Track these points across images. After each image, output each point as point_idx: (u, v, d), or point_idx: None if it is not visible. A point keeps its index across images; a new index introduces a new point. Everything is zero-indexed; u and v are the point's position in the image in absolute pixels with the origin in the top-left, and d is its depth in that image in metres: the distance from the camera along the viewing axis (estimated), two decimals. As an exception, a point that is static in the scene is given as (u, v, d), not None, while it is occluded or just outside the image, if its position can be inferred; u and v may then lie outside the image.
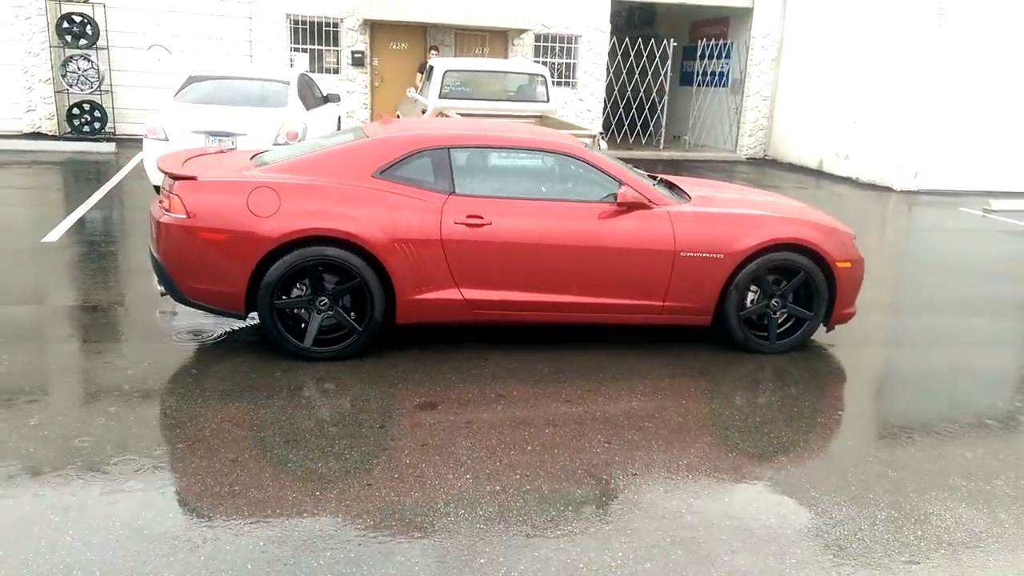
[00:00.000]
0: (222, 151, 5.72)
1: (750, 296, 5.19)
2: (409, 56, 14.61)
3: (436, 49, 13.62)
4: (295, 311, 4.70)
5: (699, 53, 16.19)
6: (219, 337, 4.97)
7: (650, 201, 4.95)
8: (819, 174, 14.53)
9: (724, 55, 16.38)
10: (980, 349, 5.71)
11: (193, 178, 4.60)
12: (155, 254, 4.68)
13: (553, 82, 12.53)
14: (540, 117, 10.90)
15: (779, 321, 5.29)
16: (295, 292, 4.68)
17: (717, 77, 16.68)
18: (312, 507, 3.16)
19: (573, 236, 4.85)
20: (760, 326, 5.24)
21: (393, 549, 2.91)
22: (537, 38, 14.78)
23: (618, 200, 4.88)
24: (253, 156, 5.41)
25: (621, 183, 4.95)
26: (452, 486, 3.38)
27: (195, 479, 3.31)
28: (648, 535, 3.10)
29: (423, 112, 10.62)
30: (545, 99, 10.97)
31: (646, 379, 4.73)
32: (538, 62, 14.53)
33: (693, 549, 3.03)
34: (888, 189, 13.00)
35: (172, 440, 3.64)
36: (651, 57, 15.65)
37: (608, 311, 5.01)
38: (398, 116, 12.47)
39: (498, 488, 3.39)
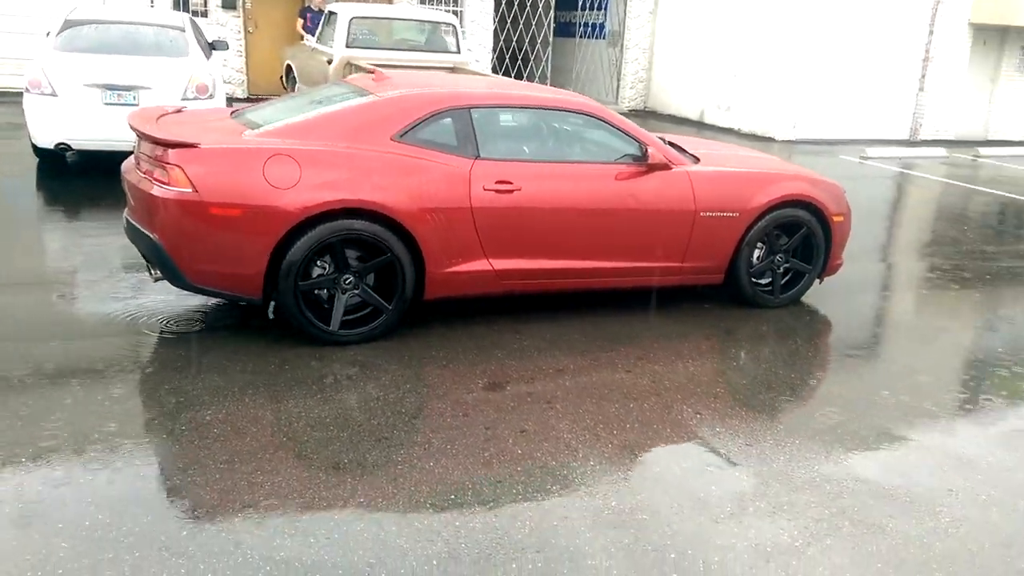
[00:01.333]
0: (180, 110, 4.97)
1: (756, 252, 5.30)
2: (284, 1, 13.49)
3: (319, -8, 12.67)
4: (316, 292, 4.24)
5: (579, 4, 16.15)
6: (197, 325, 4.38)
7: (670, 161, 4.87)
8: (701, 125, 15.05)
9: (600, 6, 16.45)
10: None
11: (194, 145, 3.97)
12: (148, 233, 4.02)
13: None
14: (452, 69, 10.48)
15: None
16: (316, 271, 4.21)
17: (596, 29, 16.76)
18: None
19: (601, 199, 4.68)
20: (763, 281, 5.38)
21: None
22: (423, -17, 14.14)
23: (648, 161, 4.75)
24: (233, 115, 4.77)
25: (642, 143, 4.83)
26: (598, 476, 3.18)
27: (309, 492, 2.93)
28: (809, 509, 3.07)
29: (328, 62, 9.87)
30: (456, 49, 10.53)
31: (684, 342, 4.69)
32: (414, 5, 13.91)
33: (858, 519, 3.03)
34: (770, 139, 13.70)
35: (269, 448, 3.17)
36: (534, 7, 15.43)
37: (631, 275, 4.92)
38: (289, 67, 11.54)
39: (651, 472, 3.26)
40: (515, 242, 4.54)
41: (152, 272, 4.19)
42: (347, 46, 9.78)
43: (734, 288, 5.24)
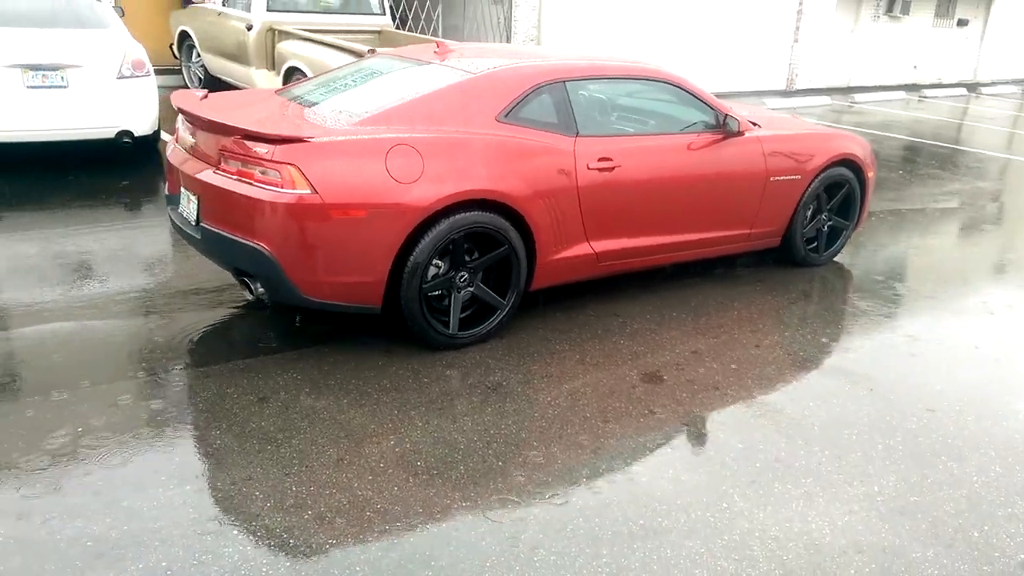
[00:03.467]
0: (207, 95, 4.26)
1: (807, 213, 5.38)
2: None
3: (202, -50, 11.37)
4: (433, 293, 3.83)
5: (465, -41, 15.63)
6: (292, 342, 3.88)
7: (744, 128, 4.81)
8: (598, 81, 15.14)
9: (483, -39, 16.00)
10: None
11: (305, 139, 3.41)
12: (251, 244, 3.43)
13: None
14: (379, 32, 9.82)
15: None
16: (431, 271, 3.79)
17: (481, -16, 16.31)
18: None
19: (689, 170, 4.54)
20: (808, 240, 5.48)
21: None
22: (310, -61, 13.04)
23: (727, 128, 4.65)
24: (291, 99, 4.17)
25: (718, 110, 4.71)
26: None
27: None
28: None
29: (248, 28, 8.92)
30: (380, 11, 9.86)
31: (769, 298, 4.73)
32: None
33: None
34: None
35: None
36: (420, -38, 14.75)
37: (713, 244, 4.84)
38: (185, 34, 10.32)
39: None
40: (613, 221, 4.32)
41: (253, 289, 3.60)
42: (268, 10, 8.88)
43: (789, 250, 5.32)
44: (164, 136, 7.55)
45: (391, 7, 10.52)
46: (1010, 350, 4.32)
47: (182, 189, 3.93)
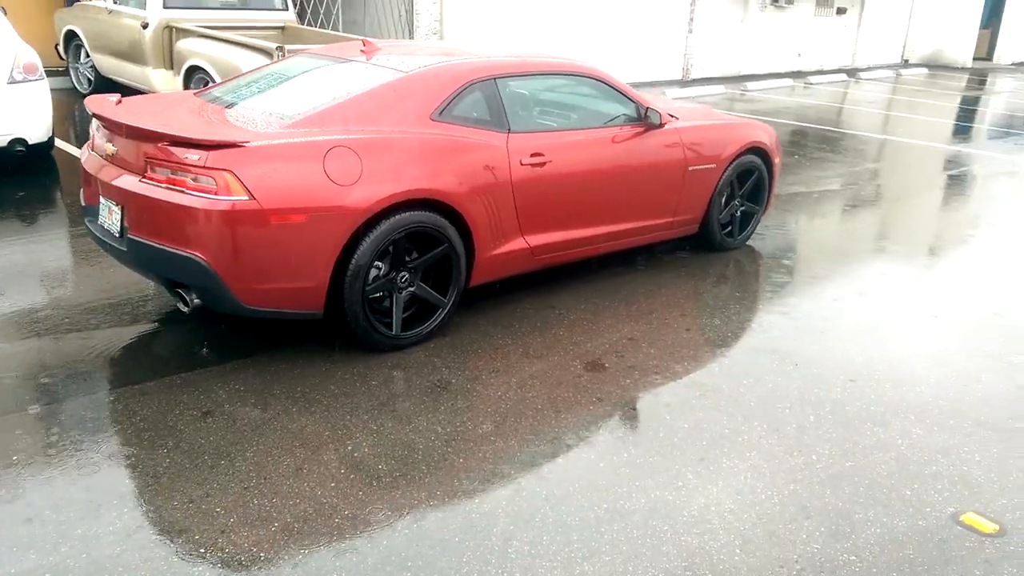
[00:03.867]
0: (120, 101, 4.06)
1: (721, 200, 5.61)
2: (28, -49, 11.28)
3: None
4: (375, 295, 3.81)
5: (361, -48, 15.39)
6: (236, 354, 3.78)
7: (664, 120, 4.97)
8: (502, 74, 15.22)
9: (380, -46, 15.80)
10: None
11: (239, 144, 3.32)
12: (185, 253, 3.32)
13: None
14: (282, 28, 9.58)
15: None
16: (372, 273, 3.76)
17: (378, -22, 16.09)
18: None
19: (615, 163, 4.67)
20: (723, 225, 5.72)
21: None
22: (197, -69, 12.51)
23: (648, 120, 4.80)
24: (214, 102, 4.03)
25: (639, 104, 4.86)
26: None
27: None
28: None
29: (144, 27, 8.51)
30: (282, 6, 9.61)
31: (702, 280, 4.93)
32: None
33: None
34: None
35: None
36: (315, -44, 14.42)
37: (638, 233, 5.00)
38: (72, 33, 9.75)
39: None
40: (546, 216, 4.40)
41: (188, 299, 3.48)
42: (165, 7, 8.51)
43: (707, 236, 5.55)
44: (58, 143, 7.17)
45: (293, 1, 10.27)
46: (912, 322, 4.67)
47: (101, 199, 3.75)
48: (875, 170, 9.23)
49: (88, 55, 9.69)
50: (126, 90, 9.68)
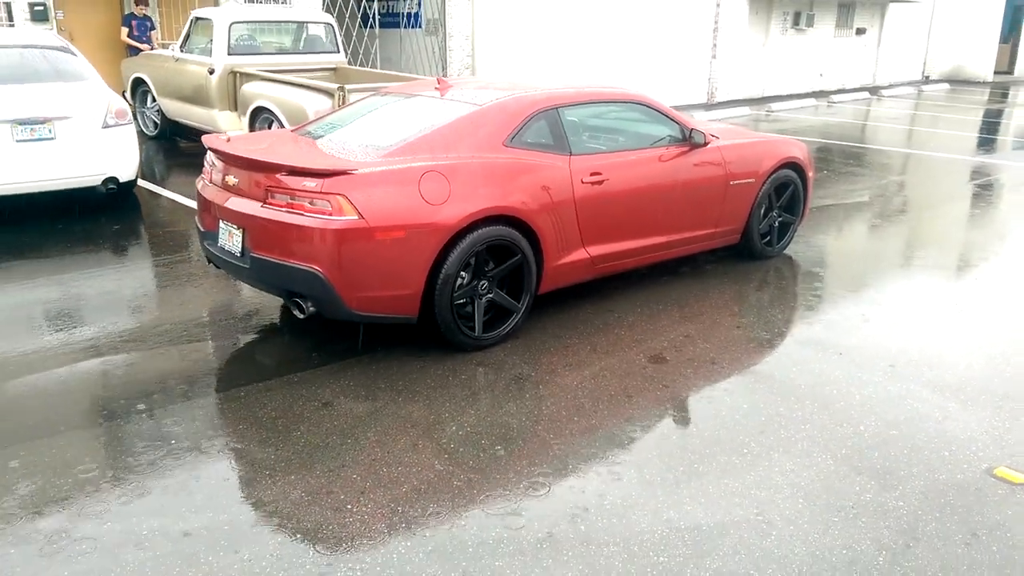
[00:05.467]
0: (229, 139, 4.65)
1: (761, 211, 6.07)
2: (100, 6, 12.12)
3: (145, 2, 11.57)
4: (459, 302, 4.30)
5: (395, -7, 16.20)
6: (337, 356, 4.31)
7: (707, 140, 5.45)
8: (533, 104, 15.84)
9: (413, -5, 16.60)
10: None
11: (349, 172, 3.86)
12: (304, 267, 3.85)
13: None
14: (334, 70, 10.24)
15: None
16: (457, 281, 4.27)
17: (413, 18, 16.86)
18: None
19: (665, 179, 5.16)
20: (763, 235, 6.17)
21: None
22: (247, -19, 13.35)
23: (692, 140, 5.29)
24: (313, 136, 4.60)
25: (684, 125, 5.35)
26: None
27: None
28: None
29: (210, 72, 9.21)
30: (335, 49, 10.28)
31: (749, 282, 5.38)
32: (249, 5, 13.21)
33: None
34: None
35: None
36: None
37: (685, 244, 5.47)
38: (139, 81, 10.50)
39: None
40: (605, 228, 4.89)
41: (304, 307, 4.01)
42: (229, 54, 9.20)
43: (747, 245, 6.00)
44: (139, 181, 7.81)
45: (342, 44, 10.92)
46: (942, 317, 5.07)
47: (221, 223, 4.31)
48: (902, 182, 9.64)
49: (154, 100, 10.43)
50: (191, 132, 10.42)
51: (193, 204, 7.52)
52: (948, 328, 4.85)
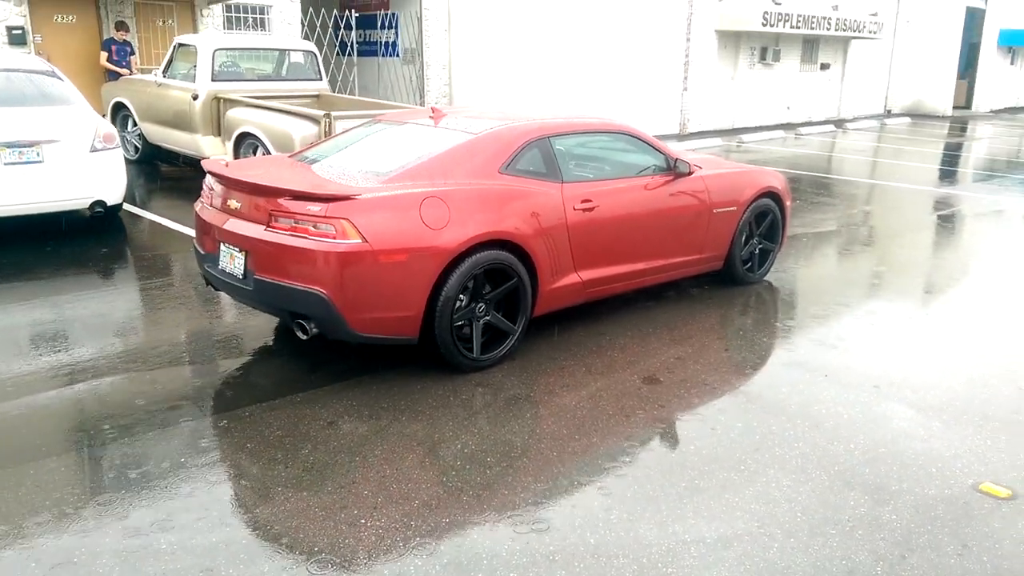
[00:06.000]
0: (227, 164, 4.71)
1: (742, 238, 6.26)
2: (79, 31, 12.12)
3: (126, 28, 11.58)
4: (457, 324, 4.39)
5: (377, 23, 16.37)
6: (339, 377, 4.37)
7: (692, 169, 5.64)
8: (510, 133, 16.06)
9: (392, 25, 16.80)
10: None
11: (352, 197, 3.95)
12: (308, 289, 3.92)
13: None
14: (317, 96, 10.34)
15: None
16: (456, 304, 4.36)
17: (391, 47, 17.05)
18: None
19: (652, 207, 5.32)
20: (744, 261, 6.35)
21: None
22: (227, 8, 13.42)
23: (677, 170, 5.47)
24: (310, 162, 4.68)
25: (668, 155, 5.54)
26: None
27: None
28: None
29: (194, 98, 9.25)
30: (318, 76, 10.39)
31: (732, 306, 5.53)
32: (230, 32, 13.29)
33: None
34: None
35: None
36: (336, 28, 15.38)
37: (671, 269, 5.63)
38: (120, 105, 10.50)
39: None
40: (596, 254, 5.03)
41: (307, 328, 4.06)
42: (213, 79, 9.26)
43: (729, 271, 6.18)
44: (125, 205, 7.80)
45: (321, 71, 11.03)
46: (919, 341, 5.27)
47: (222, 246, 4.36)
48: (869, 212, 9.97)
49: (135, 124, 10.43)
50: (172, 156, 10.42)
51: (177, 227, 7.59)
52: (926, 351, 5.05)
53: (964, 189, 12.02)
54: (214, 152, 9.24)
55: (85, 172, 6.81)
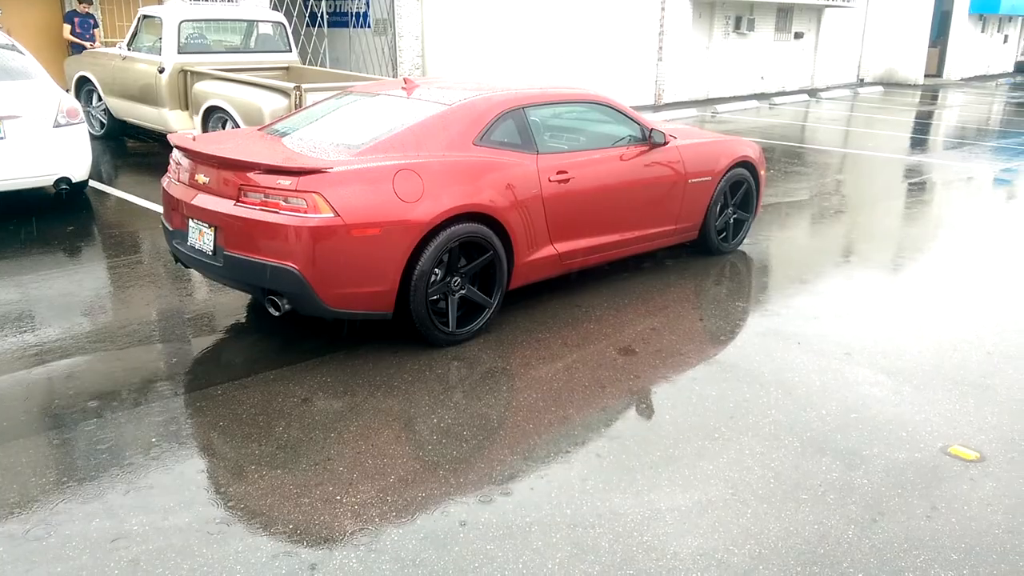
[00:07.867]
0: (194, 138, 4.61)
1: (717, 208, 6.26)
2: (40, 3, 11.76)
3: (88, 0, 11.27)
4: (432, 298, 4.36)
5: (344, -7, 16.10)
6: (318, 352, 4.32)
7: (667, 139, 5.61)
8: (484, 105, 15.92)
9: (360, -6, 16.53)
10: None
11: (324, 170, 3.88)
12: (280, 265, 3.86)
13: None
14: (287, 69, 10.15)
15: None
16: (431, 278, 4.32)
17: (362, 18, 16.76)
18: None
19: (627, 177, 5.30)
20: (719, 231, 6.37)
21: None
22: (193, -21, 13.09)
23: (652, 140, 5.44)
24: (281, 135, 4.59)
25: (644, 126, 5.50)
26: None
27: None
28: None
29: (160, 71, 9.04)
30: (287, 48, 10.20)
31: (706, 277, 5.56)
32: (196, 3, 12.98)
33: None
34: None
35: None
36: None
37: (646, 240, 5.62)
38: (84, 79, 10.23)
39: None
40: (571, 225, 5.00)
41: (279, 305, 4.01)
42: (179, 52, 9.05)
43: (704, 241, 6.19)
44: (91, 182, 7.64)
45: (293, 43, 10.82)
46: (889, 308, 5.33)
47: (191, 222, 4.28)
48: (842, 180, 10.02)
49: (100, 99, 10.19)
50: (139, 131, 10.21)
51: (145, 204, 7.45)
52: (896, 318, 5.10)
53: (935, 157, 12.11)
54: (181, 126, 9.06)
55: (49, 148, 6.64)
